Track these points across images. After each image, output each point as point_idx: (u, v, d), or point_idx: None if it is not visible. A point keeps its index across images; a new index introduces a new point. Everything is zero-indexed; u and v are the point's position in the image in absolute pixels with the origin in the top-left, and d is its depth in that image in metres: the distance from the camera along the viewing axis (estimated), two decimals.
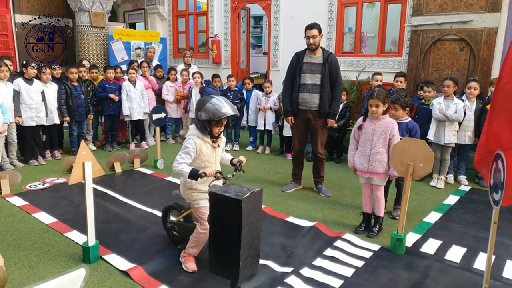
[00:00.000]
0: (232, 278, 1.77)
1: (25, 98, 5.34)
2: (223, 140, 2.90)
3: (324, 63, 4.31)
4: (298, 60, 4.42)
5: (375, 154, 3.44)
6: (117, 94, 6.37)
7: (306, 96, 4.38)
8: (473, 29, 5.57)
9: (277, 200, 4.39)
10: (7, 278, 1.49)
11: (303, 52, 4.45)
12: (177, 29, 9.76)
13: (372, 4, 7.01)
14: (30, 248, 3.18)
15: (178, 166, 2.61)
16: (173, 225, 3.24)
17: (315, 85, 4.34)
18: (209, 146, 2.73)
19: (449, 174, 5.17)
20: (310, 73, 4.36)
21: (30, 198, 4.27)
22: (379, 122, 3.44)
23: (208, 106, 2.57)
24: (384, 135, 3.41)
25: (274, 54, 7.91)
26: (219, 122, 2.62)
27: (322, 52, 4.37)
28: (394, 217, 3.94)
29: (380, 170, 3.46)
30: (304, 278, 2.81)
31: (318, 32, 4.27)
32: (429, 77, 5.95)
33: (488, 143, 2.27)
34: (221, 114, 2.55)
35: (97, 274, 2.79)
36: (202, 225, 2.79)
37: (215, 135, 2.71)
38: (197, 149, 2.66)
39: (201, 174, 2.52)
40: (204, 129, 2.66)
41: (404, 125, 3.80)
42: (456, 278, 2.88)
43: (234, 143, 6.81)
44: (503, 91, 2.14)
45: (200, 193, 2.78)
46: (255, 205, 1.77)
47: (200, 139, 2.68)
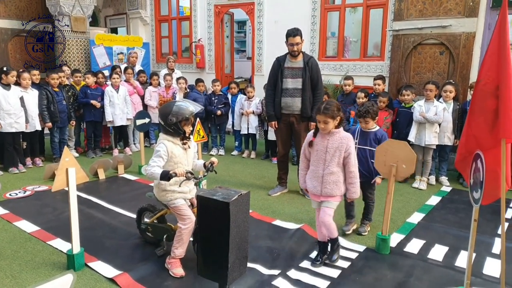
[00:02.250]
0: (220, 280, 1.78)
1: (2, 104, 5.21)
2: (194, 144, 3.07)
3: (305, 67, 4.37)
4: (279, 65, 4.47)
5: (329, 174, 2.93)
6: (99, 100, 6.29)
7: (288, 100, 4.43)
8: (452, 33, 5.74)
9: (263, 203, 4.41)
10: None
11: (283, 56, 4.51)
12: (160, 34, 9.71)
13: (355, 9, 7.14)
14: (12, 257, 3.10)
15: (150, 169, 2.73)
16: (147, 226, 3.28)
17: (297, 89, 4.40)
18: (180, 148, 2.88)
19: (431, 176, 5.29)
20: (291, 78, 4.42)
21: (11, 206, 4.16)
22: (332, 138, 2.93)
23: (175, 109, 2.78)
24: (339, 153, 2.92)
25: (258, 58, 7.95)
26: (188, 120, 2.82)
27: (302, 56, 4.43)
28: (361, 233, 3.63)
29: (336, 193, 2.96)
30: (291, 280, 2.84)
31: (300, 38, 4.32)
32: (411, 81, 6.10)
33: (467, 143, 2.35)
34: (189, 112, 2.79)
35: (83, 282, 2.74)
36: (183, 221, 2.87)
37: (187, 135, 2.89)
38: (169, 152, 2.80)
39: (171, 174, 2.65)
40: (178, 131, 2.82)
41: (372, 135, 3.53)
42: (439, 276, 2.95)
43: (220, 147, 6.81)
44: (481, 93, 2.22)
45: (174, 193, 2.88)
46: (243, 208, 1.78)
47: (171, 142, 2.84)
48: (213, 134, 6.84)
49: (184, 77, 7.12)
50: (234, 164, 6.11)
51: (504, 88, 2.07)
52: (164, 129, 2.86)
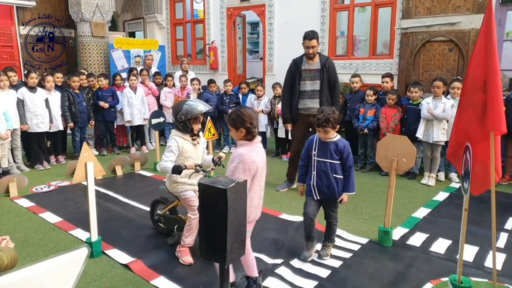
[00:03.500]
0: (220, 261, 1.95)
1: (29, 106, 5.56)
2: (203, 140, 3.26)
3: (322, 69, 4.35)
4: (297, 67, 4.44)
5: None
6: (109, 101, 6.57)
7: (307, 102, 4.45)
8: (461, 30, 5.75)
9: (271, 198, 4.56)
10: (18, 257, 1.68)
11: (300, 58, 4.48)
12: (175, 37, 10.00)
13: (363, 8, 7.22)
14: (37, 244, 3.39)
15: (163, 164, 2.96)
16: (159, 217, 3.49)
17: (315, 91, 4.40)
18: (190, 143, 3.07)
19: (440, 172, 5.31)
20: (310, 80, 4.41)
21: (37, 199, 4.48)
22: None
23: (185, 107, 2.96)
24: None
25: (269, 59, 8.12)
26: (196, 119, 3.00)
27: (319, 57, 4.41)
28: (322, 257, 3.14)
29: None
30: (293, 268, 2.99)
31: (317, 42, 4.33)
32: (420, 78, 6.14)
33: (458, 136, 2.45)
34: (198, 111, 2.96)
35: (100, 267, 2.98)
36: (192, 211, 3.08)
37: (195, 132, 3.07)
38: (180, 147, 3.00)
39: (182, 167, 2.88)
40: (186, 128, 3.01)
41: (333, 145, 3.02)
42: (439, 267, 3.03)
43: (232, 145, 7.00)
44: (470, 87, 2.32)
45: (184, 185, 3.10)
46: (240, 195, 1.94)
47: (181, 138, 3.03)
48: (225, 132, 7.04)
49: (197, 78, 7.36)
50: None
51: (491, 83, 2.17)
52: (175, 126, 3.07)
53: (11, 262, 1.56)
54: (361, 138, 5.80)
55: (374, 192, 4.80)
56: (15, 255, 1.61)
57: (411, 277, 2.89)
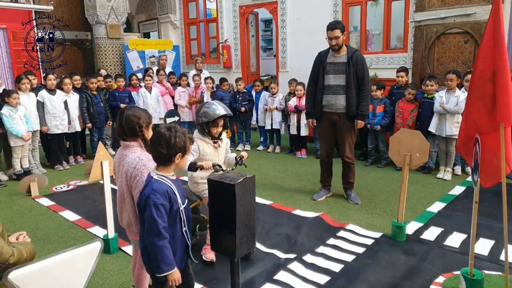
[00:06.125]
0: (230, 255, 2.00)
1: (49, 108, 5.75)
2: (226, 141, 3.17)
3: (348, 62, 4.00)
4: (321, 60, 4.16)
5: None
6: (127, 101, 6.69)
7: (331, 98, 4.11)
8: (476, 21, 5.63)
9: (284, 195, 4.59)
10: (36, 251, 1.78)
11: (326, 51, 4.18)
12: (189, 36, 10.11)
13: (376, 2, 7.13)
14: (57, 241, 3.53)
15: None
16: None
17: (340, 86, 4.06)
18: (211, 146, 3.02)
19: (457, 166, 5.22)
20: (333, 74, 4.08)
21: (57, 198, 4.64)
22: None
23: (204, 109, 2.92)
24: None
25: (282, 56, 8.12)
26: (215, 123, 2.93)
27: (346, 50, 4.07)
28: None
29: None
30: (306, 263, 3.01)
31: (340, 32, 3.96)
32: (434, 71, 6.04)
33: (467, 128, 2.43)
34: (215, 115, 2.88)
35: (116, 263, 3.08)
36: None
37: (214, 136, 3.01)
38: (200, 149, 2.97)
39: (198, 166, 2.79)
40: (203, 131, 2.98)
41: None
42: (453, 261, 3.01)
43: (246, 143, 7.06)
44: (478, 79, 2.30)
45: (205, 184, 3.06)
46: (248, 190, 1.99)
47: (202, 141, 2.99)
48: (239, 130, 7.10)
49: (211, 77, 7.44)
50: (259, 158, 6.33)
51: (500, 74, 2.15)
52: (197, 128, 3.05)
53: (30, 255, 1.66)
54: (371, 133, 5.74)
55: (389, 187, 4.77)
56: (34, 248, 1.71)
57: (424, 270, 2.89)
